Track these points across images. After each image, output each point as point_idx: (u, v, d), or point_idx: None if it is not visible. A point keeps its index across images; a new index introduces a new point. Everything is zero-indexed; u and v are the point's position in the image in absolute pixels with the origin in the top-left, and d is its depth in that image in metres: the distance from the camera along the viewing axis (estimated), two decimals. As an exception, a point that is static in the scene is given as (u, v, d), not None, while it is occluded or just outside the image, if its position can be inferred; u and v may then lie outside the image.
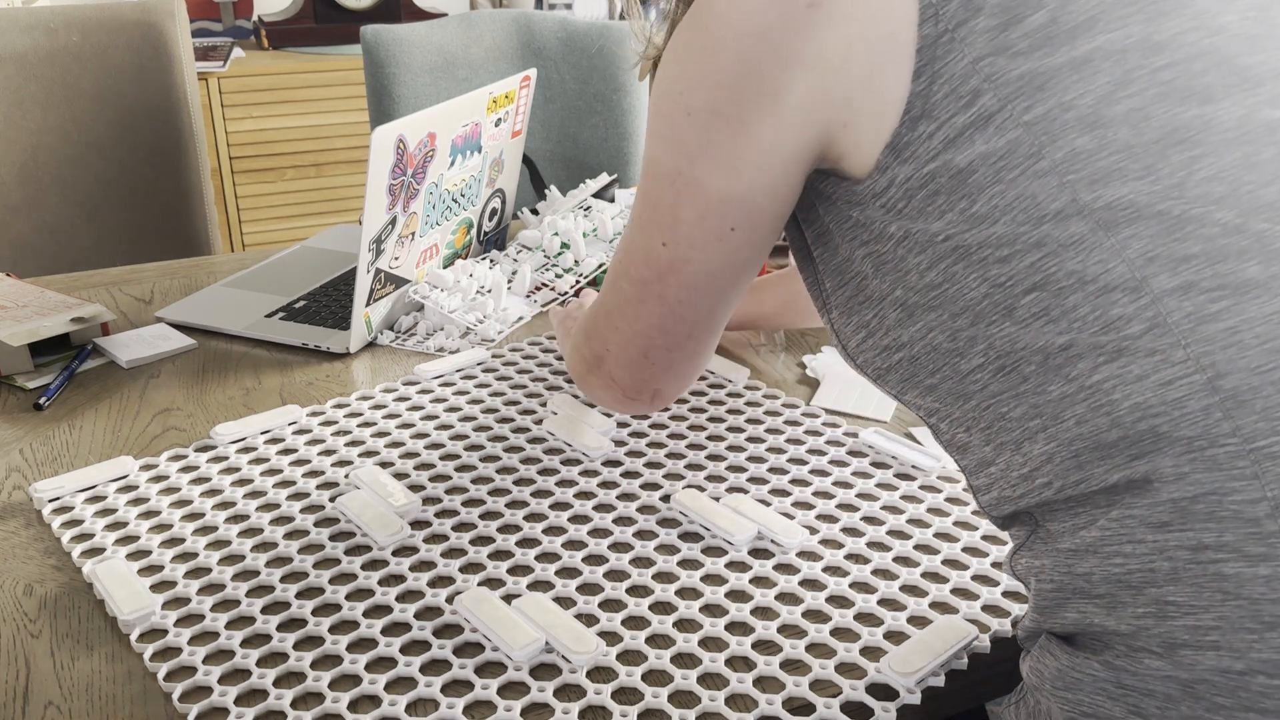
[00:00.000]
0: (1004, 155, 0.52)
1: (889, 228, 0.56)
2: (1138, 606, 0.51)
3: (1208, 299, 0.49)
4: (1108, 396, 0.51)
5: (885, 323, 0.59)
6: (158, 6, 1.65)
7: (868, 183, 0.56)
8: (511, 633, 0.67)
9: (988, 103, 0.52)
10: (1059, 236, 0.51)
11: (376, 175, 0.98)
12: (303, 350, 1.09)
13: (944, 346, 0.56)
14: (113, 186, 1.69)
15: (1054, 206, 0.51)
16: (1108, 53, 0.51)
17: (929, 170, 0.54)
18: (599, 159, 1.93)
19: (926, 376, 0.59)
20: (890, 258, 0.57)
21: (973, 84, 0.52)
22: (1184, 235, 0.50)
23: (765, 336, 1.10)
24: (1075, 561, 0.53)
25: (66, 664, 0.67)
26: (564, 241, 1.24)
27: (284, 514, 0.81)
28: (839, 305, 0.63)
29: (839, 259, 0.61)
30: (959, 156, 0.53)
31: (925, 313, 0.57)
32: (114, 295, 1.22)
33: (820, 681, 0.65)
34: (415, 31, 1.83)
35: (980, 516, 0.80)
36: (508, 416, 0.95)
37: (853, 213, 0.58)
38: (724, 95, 0.57)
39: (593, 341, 0.72)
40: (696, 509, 0.80)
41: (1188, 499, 0.49)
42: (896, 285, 0.57)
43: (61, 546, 0.78)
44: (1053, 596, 0.55)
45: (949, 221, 0.54)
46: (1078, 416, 0.52)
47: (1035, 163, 0.51)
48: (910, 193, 0.55)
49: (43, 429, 0.94)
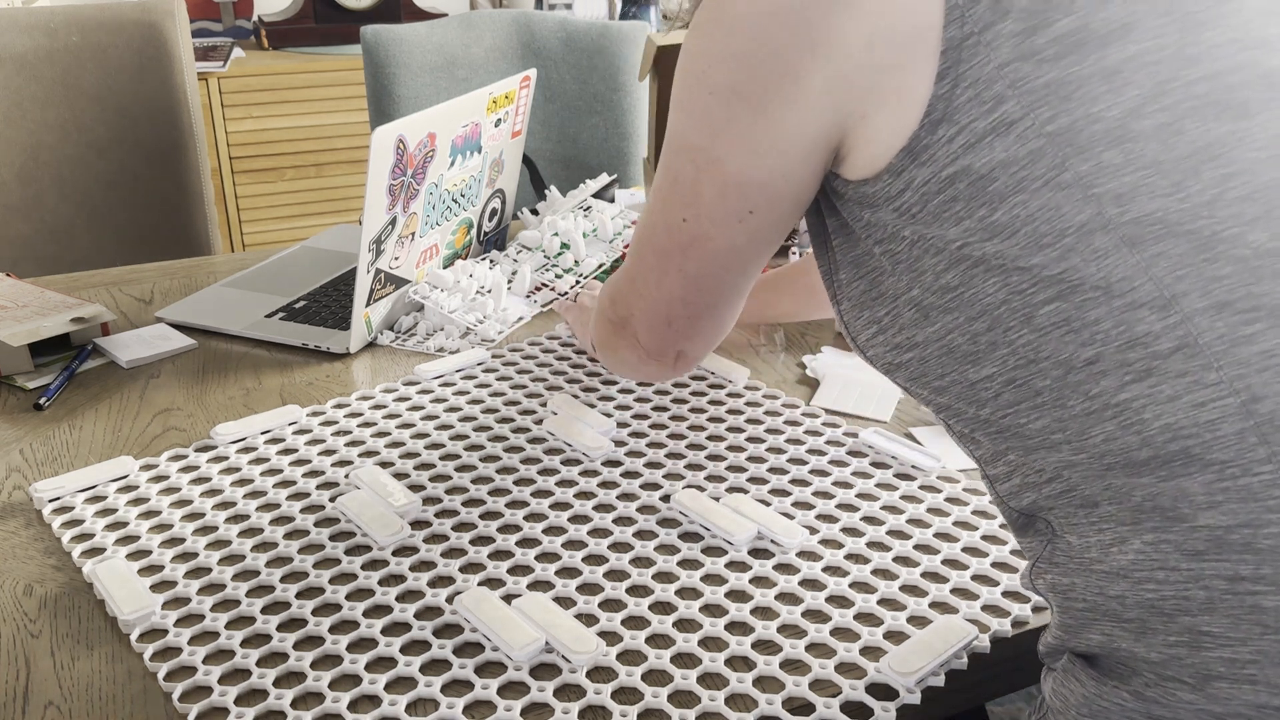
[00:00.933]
0: (1026, 164, 0.50)
1: (902, 231, 0.55)
2: (1169, 635, 0.50)
3: (1241, 320, 0.48)
4: (1138, 415, 0.50)
5: (899, 321, 0.59)
6: (158, 6, 1.65)
7: (880, 185, 0.55)
8: (511, 633, 0.67)
9: (1011, 109, 0.50)
10: (1082, 250, 0.50)
11: (376, 175, 0.98)
12: (303, 350, 1.09)
13: (962, 349, 0.55)
14: (113, 186, 1.69)
15: (1078, 219, 0.50)
16: (1140, 63, 0.50)
17: (947, 175, 0.52)
18: (599, 159, 1.93)
19: (935, 379, 0.58)
20: (905, 258, 0.56)
21: (996, 89, 0.50)
22: (1214, 255, 0.48)
23: (765, 336, 1.10)
24: (1107, 584, 0.52)
25: (66, 664, 0.67)
26: (564, 242, 1.24)
27: (284, 514, 0.81)
28: (853, 298, 0.62)
29: (857, 252, 0.60)
30: (978, 162, 0.51)
31: (942, 314, 0.56)
32: (114, 295, 1.22)
33: (820, 681, 0.65)
34: (415, 31, 1.83)
35: (982, 517, 0.80)
36: (508, 416, 0.95)
37: (864, 214, 0.58)
38: (745, 76, 0.56)
39: (618, 305, 0.72)
40: (696, 509, 0.80)
41: (1223, 528, 0.48)
42: (913, 285, 0.56)
43: (62, 546, 0.78)
44: (1081, 616, 0.54)
45: (966, 229, 0.53)
46: (1106, 434, 0.51)
47: (1059, 174, 0.50)
48: (926, 197, 0.54)
49: (43, 429, 0.94)
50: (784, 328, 1.12)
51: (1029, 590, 0.61)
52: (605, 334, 0.75)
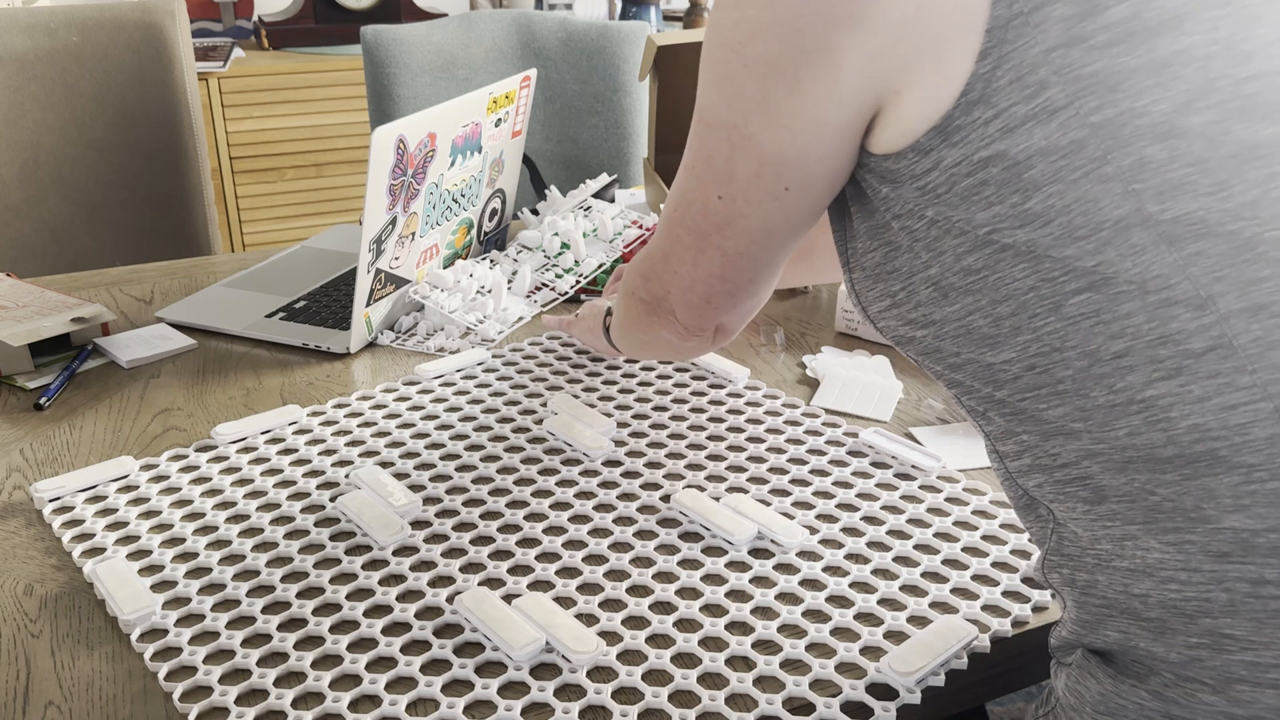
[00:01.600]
0: (1066, 154, 0.49)
1: (924, 210, 0.54)
2: (1190, 636, 0.49)
3: (1279, 324, 0.47)
4: (1165, 414, 0.49)
5: (915, 297, 0.57)
6: (158, 6, 1.65)
7: (905, 162, 0.53)
8: (512, 632, 0.67)
9: (1055, 96, 0.48)
10: (1118, 244, 0.48)
11: (376, 175, 0.98)
12: (303, 350, 1.09)
13: (981, 331, 0.54)
14: (113, 186, 1.69)
15: (1116, 214, 0.48)
16: (1190, 58, 0.48)
17: (980, 158, 0.51)
18: (599, 159, 1.93)
19: (950, 356, 0.57)
20: (924, 236, 0.55)
21: (1041, 74, 0.48)
22: (1254, 257, 0.47)
23: (765, 336, 1.10)
24: (1132, 581, 0.52)
25: (67, 664, 0.67)
26: (564, 242, 1.24)
27: (284, 514, 0.81)
28: (867, 268, 0.60)
29: (872, 223, 0.59)
30: (1015, 148, 0.50)
31: (962, 295, 0.54)
32: (114, 295, 1.22)
33: (820, 681, 0.65)
34: (415, 31, 1.83)
35: (982, 517, 0.80)
36: (508, 416, 0.95)
37: (884, 188, 0.56)
38: (781, 50, 0.54)
39: (651, 284, 0.71)
40: (696, 509, 0.80)
41: (1249, 531, 0.47)
42: (932, 264, 0.55)
43: (62, 546, 0.78)
44: (1098, 612, 0.54)
45: (996, 214, 0.51)
46: (1130, 428, 0.50)
47: (1100, 166, 0.48)
48: (955, 179, 0.52)
49: (43, 429, 0.94)
50: (784, 327, 1.12)
51: (1042, 582, 0.59)
52: (638, 314, 0.73)
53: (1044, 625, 0.70)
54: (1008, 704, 1.55)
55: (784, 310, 1.17)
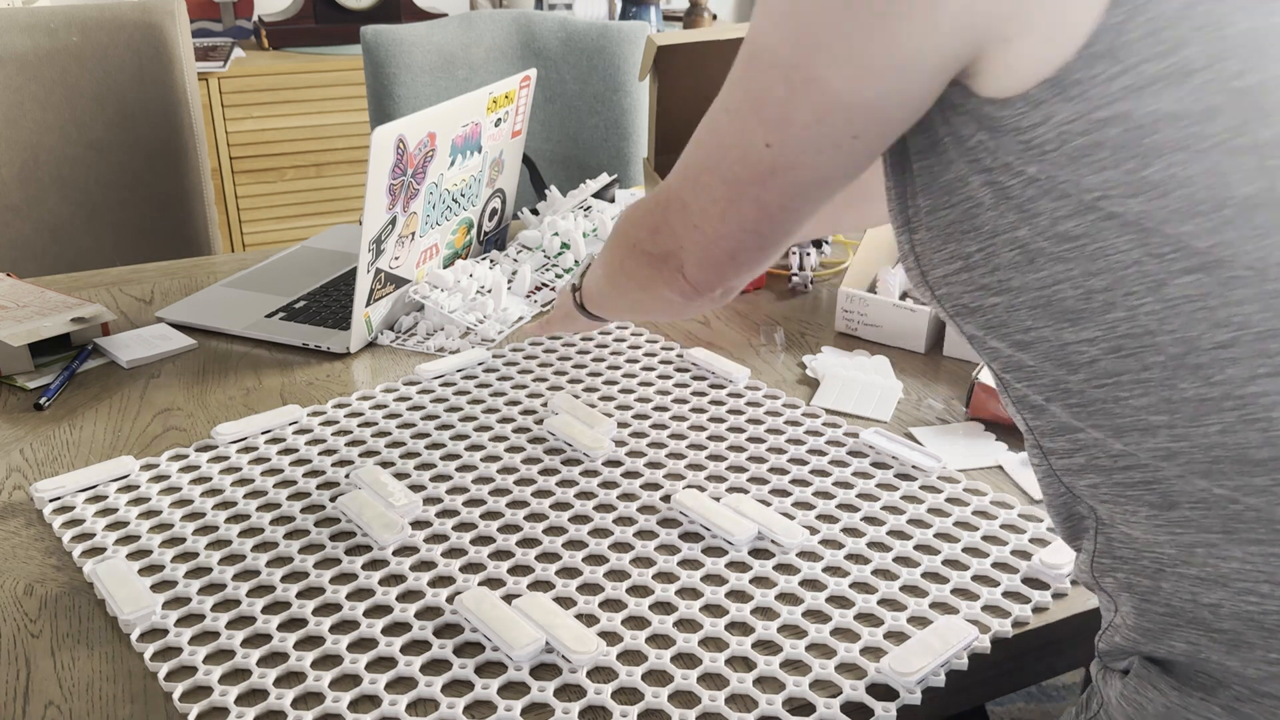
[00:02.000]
0: (1199, 121, 0.43)
1: (1026, 167, 0.48)
2: (1270, 651, 0.47)
3: None
4: (1266, 413, 0.45)
5: (994, 260, 0.51)
6: (158, 6, 1.65)
7: (1011, 110, 0.47)
8: (512, 633, 0.67)
9: (1192, 56, 0.43)
10: (1241, 225, 0.44)
11: (376, 175, 0.98)
12: (303, 350, 1.09)
13: (1065, 304, 0.49)
14: (113, 186, 1.69)
15: (1244, 191, 0.43)
16: None
17: (1100, 117, 0.45)
18: (599, 159, 1.93)
19: (1019, 332, 0.52)
20: (1017, 195, 0.49)
21: (1181, 31, 0.43)
22: None
23: (765, 336, 1.10)
24: (1201, 590, 0.48)
25: (67, 664, 0.67)
26: (564, 241, 1.24)
27: (284, 514, 0.81)
28: (933, 227, 0.54)
29: (949, 177, 0.52)
30: (1141, 110, 0.44)
31: (1052, 263, 0.49)
32: (114, 295, 1.22)
33: (820, 681, 0.65)
34: (415, 31, 1.83)
35: (982, 518, 0.80)
36: (508, 416, 0.95)
37: (980, 135, 0.49)
38: None
39: (662, 237, 0.63)
40: (697, 509, 0.80)
41: None
42: (1021, 224, 0.49)
43: (62, 546, 0.78)
44: (1162, 620, 0.51)
45: (1107, 179, 0.46)
46: (1224, 425, 0.46)
47: (1234, 138, 0.43)
48: (1066, 137, 0.46)
49: (43, 429, 0.94)
50: (784, 327, 1.12)
51: (1090, 585, 0.56)
52: (638, 270, 0.66)
53: (1044, 625, 0.70)
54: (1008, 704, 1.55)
55: (784, 310, 1.17)
